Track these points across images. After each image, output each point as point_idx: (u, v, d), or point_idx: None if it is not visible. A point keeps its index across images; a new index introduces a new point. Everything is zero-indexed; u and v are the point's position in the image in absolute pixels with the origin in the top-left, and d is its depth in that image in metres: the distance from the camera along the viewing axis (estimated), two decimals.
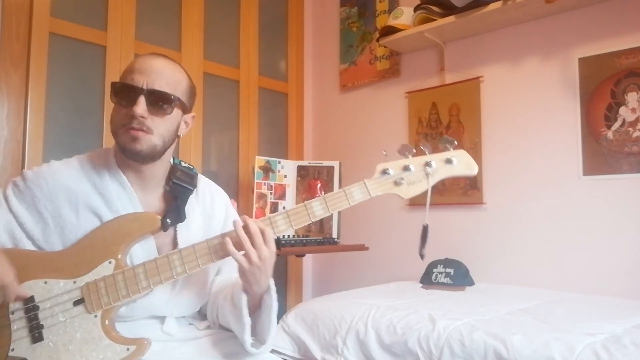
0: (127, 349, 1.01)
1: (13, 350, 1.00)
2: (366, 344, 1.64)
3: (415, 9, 2.50)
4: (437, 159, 1.11)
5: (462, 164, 1.11)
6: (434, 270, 2.32)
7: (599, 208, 2.10)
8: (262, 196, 2.50)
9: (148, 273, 1.04)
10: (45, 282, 1.03)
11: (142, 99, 1.06)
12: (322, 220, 2.42)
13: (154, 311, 1.14)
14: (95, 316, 1.02)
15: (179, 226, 1.17)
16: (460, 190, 2.48)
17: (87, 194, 1.11)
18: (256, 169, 2.50)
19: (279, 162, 2.59)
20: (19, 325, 1.01)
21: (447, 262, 2.30)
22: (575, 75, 2.18)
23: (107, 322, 1.03)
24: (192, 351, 1.13)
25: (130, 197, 1.13)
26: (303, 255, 2.88)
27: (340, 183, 2.55)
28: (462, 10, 2.30)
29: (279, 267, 2.89)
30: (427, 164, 1.10)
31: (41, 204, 1.09)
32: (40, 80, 2.07)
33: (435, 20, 2.41)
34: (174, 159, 1.24)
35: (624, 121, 2.05)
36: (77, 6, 2.22)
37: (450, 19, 2.35)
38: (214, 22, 2.75)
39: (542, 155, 2.26)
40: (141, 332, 1.09)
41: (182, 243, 1.15)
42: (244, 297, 1.07)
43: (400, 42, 2.64)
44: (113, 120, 1.10)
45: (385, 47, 2.79)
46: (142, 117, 1.06)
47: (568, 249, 2.16)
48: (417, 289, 2.23)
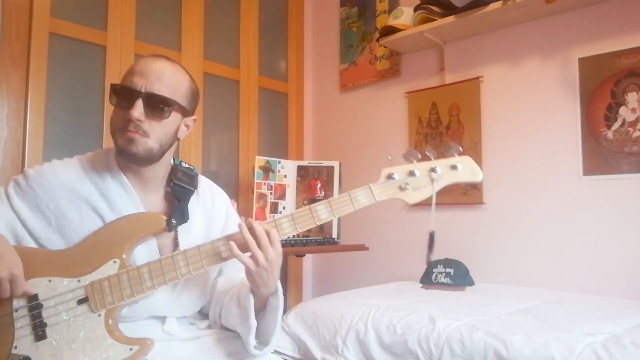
0: (130, 349, 1.01)
1: (16, 348, 1.00)
2: (366, 344, 1.64)
3: (415, 9, 2.50)
4: (442, 165, 1.11)
5: (467, 170, 1.12)
6: (434, 270, 2.31)
7: (599, 208, 2.10)
8: (262, 196, 2.50)
9: (153, 273, 1.04)
10: (50, 281, 1.03)
11: (139, 102, 1.05)
12: None
13: (155, 311, 1.14)
14: (99, 315, 1.02)
15: (180, 227, 1.17)
16: (460, 190, 2.48)
17: (90, 194, 1.11)
18: (256, 169, 2.50)
19: (279, 162, 2.58)
20: (23, 323, 1.01)
21: (447, 262, 2.30)
22: (575, 75, 2.18)
23: (110, 321, 1.03)
24: (194, 350, 1.13)
25: (131, 197, 1.13)
26: (303, 255, 2.88)
27: (340, 183, 2.54)
28: (462, 10, 2.30)
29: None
30: (433, 170, 1.11)
31: (43, 203, 1.09)
32: (40, 80, 2.07)
33: (435, 20, 2.41)
34: (174, 159, 1.24)
35: (624, 121, 2.05)
36: (77, 6, 2.22)
37: (450, 19, 2.35)
38: (214, 22, 2.75)
39: (542, 155, 2.26)
40: (142, 332, 1.09)
41: (183, 243, 1.15)
42: (251, 299, 1.07)
43: (400, 42, 2.64)
44: (112, 122, 1.11)
45: (385, 47, 2.79)
46: (139, 120, 1.06)
47: (568, 249, 2.17)
48: (417, 289, 2.23)
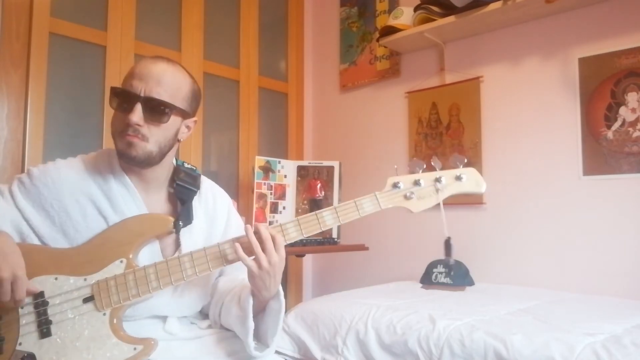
0: (134, 349, 1.02)
1: (21, 344, 1.00)
2: (366, 344, 1.64)
3: (415, 9, 2.50)
4: (447, 175, 1.15)
5: (471, 181, 1.15)
6: (434, 270, 2.31)
7: (599, 208, 2.10)
8: (262, 196, 2.50)
9: (159, 274, 1.05)
10: (56, 279, 1.04)
11: (138, 107, 1.06)
12: None
13: (156, 311, 1.14)
14: (104, 314, 1.03)
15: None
16: None
17: (93, 195, 1.12)
18: (256, 169, 2.49)
19: (279, 162, 2.58)
20: (28, 320, 1.01)
21: (447, 262, 2.30)
22: (575, 75, 2.18)
23: (115, 320, 1.03)
24: (195, 350, 1.13)
25: (134, 198, 1.14)
26: (303, 255, 2.88)
27: (340, 183, 2.54)
28: (462, 10, 2.30)
29: None
30: (437, 180, 1.14)
31: (47, 202, 1.09)
32: (40, 80, 2.07)
33: (435, 20, 2.41)
34: (177, 160, 1.24)
35: (624, 121, 2.05)
36: (77, 6, 2.22)
37: (450, 19, 2.35)
38: (214, 22, 2.75)
39: (542, 155, 2.26)
40: (144, 332, 1.10)
41: (184, 244, 1.16)
42: (250, 301, 1.08)
43: (400, 42, 2.64)
44: (112, 125, 1.12)
45: (385, 47, 2.79)
46: (138, 124, 1.06)
47: (568, 249, 2.16)
48: (417, 289, 2.23)
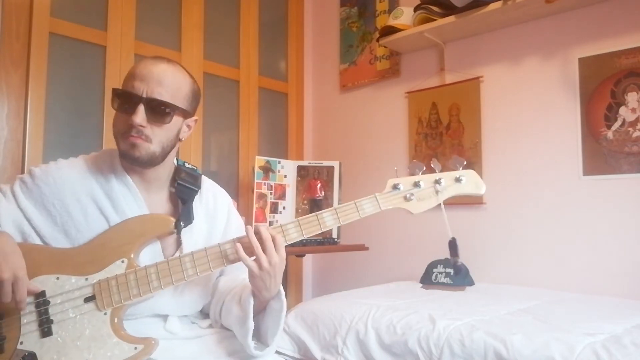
0: (135, 348, 1.02)
1: (22, 343, 1.01)
2: (366, 344, 1.64)
3: (415, 9, 2.50)
4: (446, 177, 1.16)
5: (470, 183, 1.16)
6: (434, 270, 2.31)
7: (599, 208, 2.10)
8: (262, 196, 2.50)
9: (160, 274, 1.06)
10: (58, 278, 1.04)
11: (141, 108, 1.06)
12: None
13: (157, 310, 1.15)
14: (105, 314, 1.04)
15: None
16: None
17: (95, 194, 1.13)
18: (256, 169, 2.49)
19: (279, 162, 2.58)
20: (29, 319, 1.02)
21: (447, 262, 2.30)
22: (575, 75, 2.18)
23: (116, 320, 1.04)
24: (196, 349, 1.14)
25: (135, 198, 1.15)
26: (303, 255, 2.88)
27: (340, 183, 2.54)
28: (462, 10, 2.30)
29: None
30: (437, 182, 1.15)
31: (49, 201, 1.10)
32: (40, 80, 2.07)
33: (435, 20, 2.41)
34: (177, 160, 1.25)
35: (624, 121, 2.05)
36: (77, 6, 2.22)
37: (450, 19, 2.35)
38: (214, 22, 2.75)
39: (542, 155, 2.26)
40: (144, 330, 1.11)
41: (185, 243, 1.17)
42: (251, 301, 1.09)
43: (400, 42, 2.64)
44: (114, 126, 1.12)
45: (385, 47, 2.79)
46: (141, 126, 1.07)
47: (568, 249, 2.16)
48: (417, 289, 2.23)
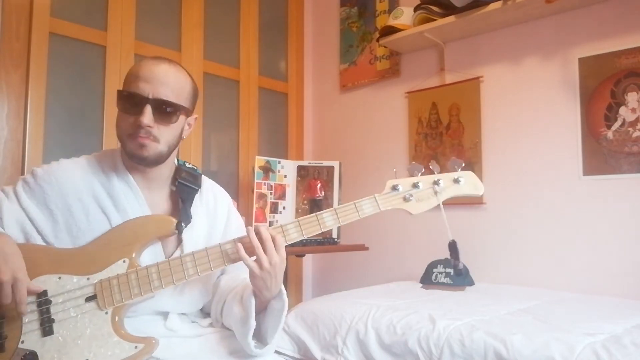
0: (135, 347, 1.03)
1: (23, 342, 1.01)
2: (366, 344, 1.64)
3: (415, 9, 2.50)
4: (445, 178, 1.17)
5: (469, 184, 1.18)
6: (434, 270, 2.31)
7: (599, 208, 2.10)
8: (262, 196, 2.50)
9: (161, 273, 1.07)
10: (59, 278, 1.05)
11: (148, 109, 1.08)
12: None
13: (157, 307, 1.16)
14: (106, 313, 1.04)
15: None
16: None
17: (97, 193, 1.14)
18: (256, 169, 2.49)
19: (279, 162, 2.58)
20: (31, 318, 1.02)
21: (447, 262, 2.30)
22: (575, 75, 2.18)
23: (117, 319, 1.05)
24: (197, 347, 1.14)
25: (136, 196, 1.16)
26: (303, 255, 2.88)
27: (340, 183, 2.55)
28: (462, 10, 2.30)
29: None
30: (436, 183, 1.16)
31: (51, 201, 1.11)
32: (40, 80, 2.07)
33: (435, 20, 2.41)
34: (178, 160, 1.27)
35: (624, 121, 2.05)
36: (77, 6, 2.22)
37: (450, 19, 2.35)
38: (214, 22, 2.75)
39: (542, 155, 2.26)
40: (145, 328, 1.11)
41: (186, 241, 1.18)
42: (253, 301, 1.10)
43: (400, 42, 2.64)
44: (119, 127, 1.13)
45: (385, 47, 2.79)
46: (149, 126, 1.09)
47: (568, 249, 2.16)
48: (417, 289, 2.23)
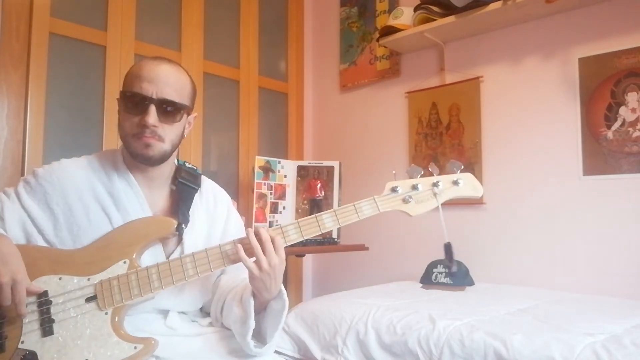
0: (135, 347, 1.04)
1: (23, 342, 1.02)
2: (366, 344, 1.64)
3: (415, 9, 2.50)
4: (444, 180, 1.18)
5: (468, 186, 1.19)
6: (434, 270, 2.32)
7: (599, 208, 2.10)
8: (262, 196, 2.50)
9: (161, 274, 1.07)
10: (60, 278, 1.06)
11: (152, 109, 1.10)
12: None
13: (158, 305, 1.16)
14: (106, 313, 1.05)
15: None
16: None
17: (97, 192, 1.15)
18: (256, 169, 2.49)
19: (279, 162, 2.58)
20: (31, 318, 1.03)
21: (447, 262, 2.30)
22: (575, 75, 2.18)
23: (116, 319, 1.05)
24: (198, 346, 1.15)
25: (137, 194, 1.17)
26: (303, 255, 2.88)
27: (340, 183, 2.55)
28: (462, 10, 2.30)
29: None
30: (435, 185, 1.17)
31: (52, 200, 1.12)
32: (40, 80, 2.07)
33: (435, 20, 2.41)
34: (178, 160, 1.28)
35: (624, 121, 2.05)
36: (77, 6, 2.22)
37: (450, 19, 2.35)
38: (214, 22, 2.75)
39: (542, 155, 2.26)
40: (145, 326, 1.12)
41: (186, 240, 1.19)
42: (252, 301, 1.10)
43: (400, 42, 2.64)
44: (123, 127, 1.14)
45: (385, 47, 2.79)
46: (154, 126, 1.10)
47: (568, 249, 2.16)
48: (417, 289, 2.23)
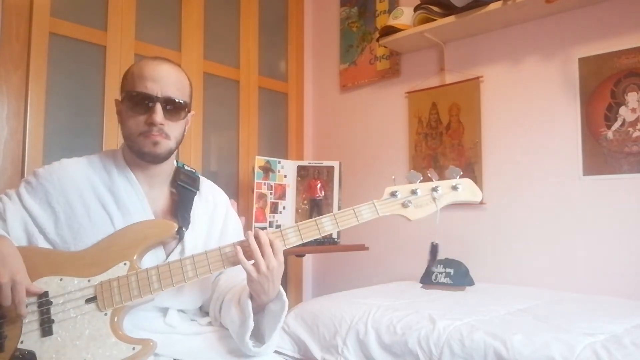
0: (133, 348, 1.04)
1: (22, 342, 1.02)
2: (366, 344, 1.64)
3: (415, 9, 2.50)
4: (443, 185, 1.19)
5: (467, 191, 1.20)
6: (434, 270, 2.31)
7: (599, 208, 2.09)
8: (262, 196, 2.50)
9: (160, 276, 1.08)
10: (61, 279, 1.07)
11: (159, 107, 1.12)
12: None
13: (157, 303, 1.17)
14: (105, 314, 1.05)
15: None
16: None
17: (98, 191, 1.16)
18: (256, 169, 2.49)
19: (279, 162, 2.58)
20: (31, 319, 1.04)
21: (447, 262, 2.30)
22: (575, 75, 2.18)
23: (116, 320, 1.06)
24: (197, 345, 1.15)
25: (137, 193, 1.19)
26: (303, 255, 2.88)
27: (340, 183, 2.55)
28: (462, 10, 2.30)
29: None
30: (434, 189, 1.18)
31: (53, 199, 1.13)
32: (40, 80, 2.07)
33: (435, 20, 2.41)
34: (177, 162, 1.30)
35: (624, 121, 2.05)
36: (77, 6, 2.22)
37: (450, 19, 2.35)
38: (214, 22, 2.75)
39: (542, 155, 2.26)
40: (144, 324, 1.13)
41: (186, 241, 1.20)
42: (249, 303, 1.11)
43: (400, 42, 2.64)
44: (128, 127, 1.15)
45: (385, 47, 2.79)
46: (161, 124, 1.12)
47: (568, 249, 2.16)
48: (417, 289, 2.23)
